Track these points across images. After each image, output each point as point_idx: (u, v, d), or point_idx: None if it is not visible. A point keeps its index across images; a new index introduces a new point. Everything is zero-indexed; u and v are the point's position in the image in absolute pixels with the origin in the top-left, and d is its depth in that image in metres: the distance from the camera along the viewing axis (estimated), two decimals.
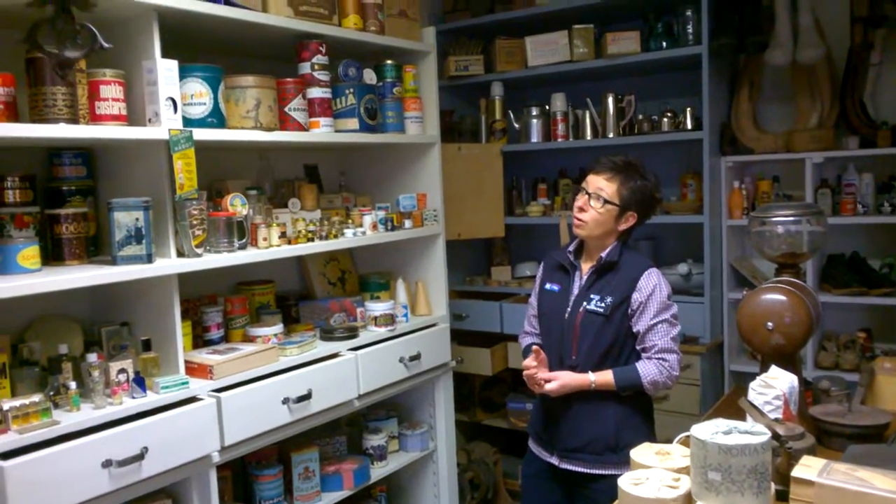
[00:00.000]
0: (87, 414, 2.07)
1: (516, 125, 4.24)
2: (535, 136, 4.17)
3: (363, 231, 2.99)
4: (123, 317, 2.48)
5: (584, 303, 2.38)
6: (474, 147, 4.17)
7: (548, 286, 2.51)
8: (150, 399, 2.21)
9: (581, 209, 2.39)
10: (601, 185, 2.36)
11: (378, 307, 3.07)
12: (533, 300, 2.60)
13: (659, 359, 2.32)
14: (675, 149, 3.91)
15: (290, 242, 2.69)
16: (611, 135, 3.93)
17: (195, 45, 2.68)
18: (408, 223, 3.22)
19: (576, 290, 2.43)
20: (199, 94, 2.38)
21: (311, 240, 2.77)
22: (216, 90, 2.42)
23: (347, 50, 3.02)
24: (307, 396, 2.58)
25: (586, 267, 2.45)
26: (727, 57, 3.74)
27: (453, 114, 4.31)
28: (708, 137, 3.59)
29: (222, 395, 2.34)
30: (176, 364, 2.35)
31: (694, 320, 3.61)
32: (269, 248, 2.60)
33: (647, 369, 2.31)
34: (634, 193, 2.37)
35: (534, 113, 4.16)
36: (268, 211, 2.79)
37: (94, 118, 2.21)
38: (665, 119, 3.82)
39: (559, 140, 4.09)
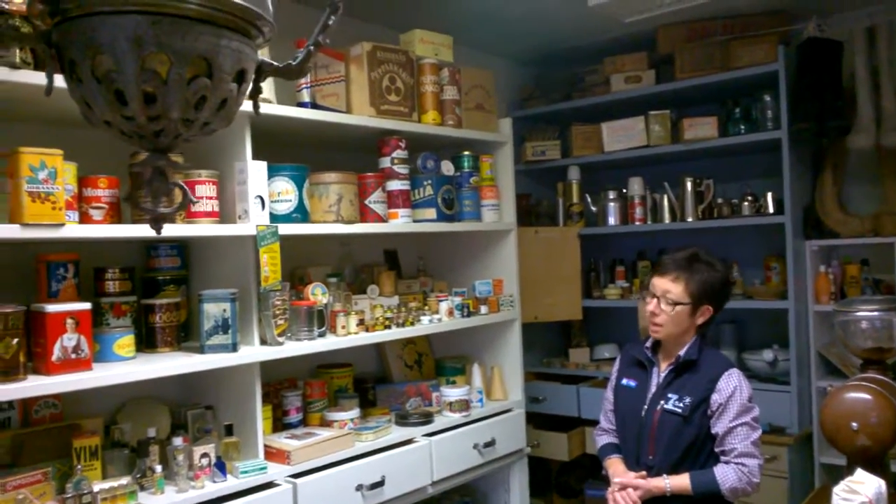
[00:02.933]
0: (170, 497, 2.17)
1: (593, 208, 4.27)
2: (613, 219, 4.18)
3: (439, 318, 3.06)
4: (209, 400, 2.60)
5: (662, 402, 2.32)
6: (552, 230, 4.21)
7: (624, 381, 2.47)
8: (230, 483, 2.29)
9: (654, 314, 2.36)
10: (668, 287, 2.34)
11: (453, 393, 3.10)
12: (609, 394, 2.57)
13: (738, 463, 2.22)
14: (758, 232, 3.85)
15: (367, 330, 2.78)
16: (689, 218, 3.91)
17: (282, 140, 2.85)
18: (483, 309, 3.27)
19: (653, 388, 2.38)
20: (285, 192, 2.53)
21: (388, 327, 2.85)
22: (301, 187, 2.57)
23: (427, 142, 3.16)
24: (381, 483, 2.61)
25: (664, 364, 2.40)
26: (809, 141, 3.70)
27: (530, 197, 4.38)
28: (790, 221, 3.53)
29: (298, 480, 2.40)
30: (255, 448, 2.43)
31: (780, 410, 3.48)
32: (347, 336, 2.69)
33: (725, 475, 2.23)
34: (704, 287, 2.32)
35: (611, 196, 4.19)
36: (347, 298, 2.90)
37: (190, 215, 2.38)
38: (745, 203, 3.77)
39: (637, 223, 4.09)
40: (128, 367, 2.15)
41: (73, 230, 2.02)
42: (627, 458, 2.39)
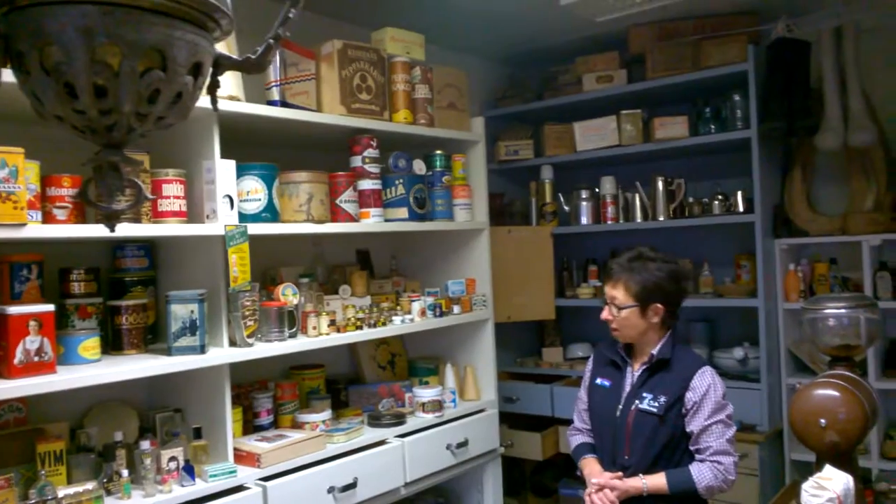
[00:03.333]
0: (136, 502, 2.14)
1: (566, 207, 4.28)
2: (585, 219, 4.20)
3: (411, 318, 3.04)
4: (178, 403, 2.56)
5: (637, 401, 2.31)
6: (524, 229, 4.21)
7: (598, 381, 2.45)
8: (199, 487, 2.26)
9: (608, 320, 2.37)
10: (612, 293, 2.35)
11: (426, 393, 3.08)
12: (582, 394, 2.56)
13: (714, 462, 2.22)
14: (728, 230, 3.88)
15: (338, 330, 2.75)
16: (661, 217, 3.93)
17: (252, 139, 2.82)
18: (456, 308, 3.26)
19: (627, 388, 2.36)
20: (254, 191, 2.50)
21: (360, 327, 2.83)
22: (271, 186, 2.54)
23: (398, 141, 3.14)
24: (353, 485, 2.59)
25: (637, 363, 2.39)
26: (778, 140, 3.73)
27: (504, 197, 4.38)
28: (760, 220, 3.57)
29: (268, 483, 2.38)
30: (225, 451, 2.40)
31: (751, 407, 3.51)
32: (319, 337, 2.67)
33: (701, 474, 2.23)
34: (647, 287, 2.30)
35: (583, 196, 4.20)
36: (319, 298, 2.87)
37: (157, 215, 2.34)
38: (716, 202, 3.80)
39: (609, 222, 4.11)
40: (93, 369, 2.11)
41: (36, 230, 1.98)
42: (603, 458, 2.39)
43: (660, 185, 3.94)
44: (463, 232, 3.41)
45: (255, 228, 2.45)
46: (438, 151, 3.25)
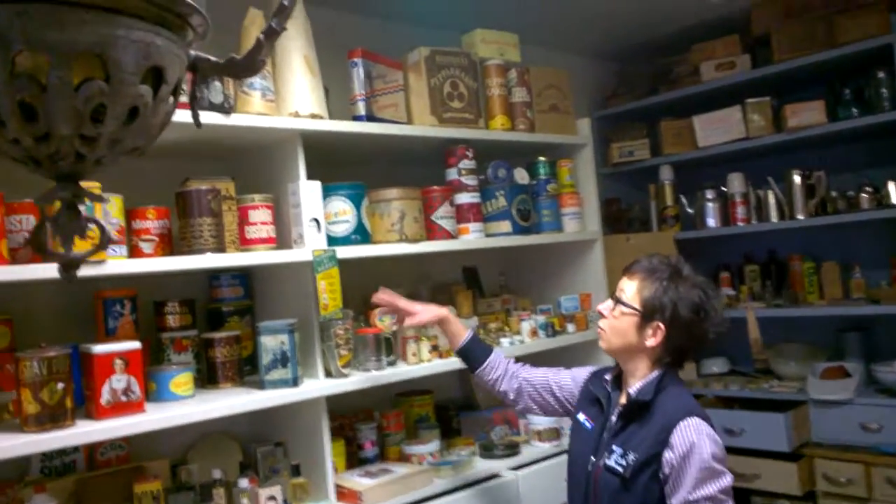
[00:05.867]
0: None
1: (690, 210, 3.93)
2: (712, 221, 3.84)
3: (521, 339, 2.83)
4: (279, 435, 2.47)
5: (606, 454, 1.84)
6: (644, 236, 3.90)
7: (582, 418, 2.00)
8: None
9: (601, 315, 1.96)
10: (624, 285, 1.91)
11: (542, 420, 2.84)
12: (565, 377, 2.16)
13: None
14: (881, 227, 3.42)
15: (441, 356, 2.58)
16: (800, 216, 3.52)
17: (338, 158, 2.71)
18: (570, 327, 3.01)
19: (605, 434, 1.90)
20: (342, 212, 2.38)
21: None
22: (359, 206, 2.40)
23: (497, 150, 2.94)
24: None
25: (621, 403, 1.92)
26: None
27: (620, 202, 4.09)
28: None
29: None
30: (325, 489, 2.27)
31: None
32: (419, 364, 2.50)
33: None
34: (659, 297, 1.82)
35: (709, 196, 3.85)
36: None
37: (244, 242, 2.26)
38: (864, 195, 3.35)
39: (740, 224, 3.73)
40: (183, 407, 2.03)
41: (117, 266, 1.92)
42: None
43: (796, 179, 3.53)
44: (574, 243, 3.17)
45: (344, 252, 2.32)
46: (542, 158, 3.02)
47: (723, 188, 3.83)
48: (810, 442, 3.32)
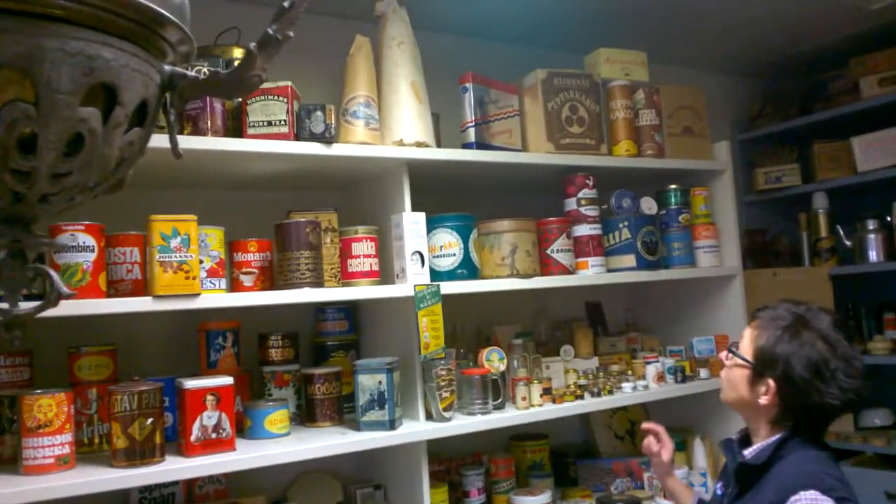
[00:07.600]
0: None
1: (848, 242, 3.50)
2: (875, 255, 3.40)
3: (645, 385, 2.57)
4: (379, 476, 2.36)
5: None
6: (794, 271, 3.52)
7: (718, 485, 1.85)
8: None
9: (723, 363, 1.80)
10: (745, 332, 1.74)
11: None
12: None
13: None
14: None
15: (553, 401, 2.37)
16: None
17: (447, 187, 2.58)
18: (703, 372, 2.71)
19: (724, 499, 1.74)
20: (448, 245, 2.24)
21: (581, 397, 2.42)
22: (467, 239, 2.26)
23: (621, 178, 2.72)
24: None
25: None
26: None
27: (766, 233, 3.71)
28: None
29: None
30: None
31: None
32: (529, 409, 2.31)
33: None
34: (771, 350, 1.61)
35: (871, 226, 3.41)
36: (535, 361, 2.52)
37: (346, 276, 2.17)
38: None
39: None
40: (276, 446, 1.95)
41: (210, 300, 1.87)
42: None
43: None
44: (710, 279, 2.87)
45: (449, 287, 2.17)
46: (673, 186, 2.76)
47: (887, 217, 3.39)
48: None
